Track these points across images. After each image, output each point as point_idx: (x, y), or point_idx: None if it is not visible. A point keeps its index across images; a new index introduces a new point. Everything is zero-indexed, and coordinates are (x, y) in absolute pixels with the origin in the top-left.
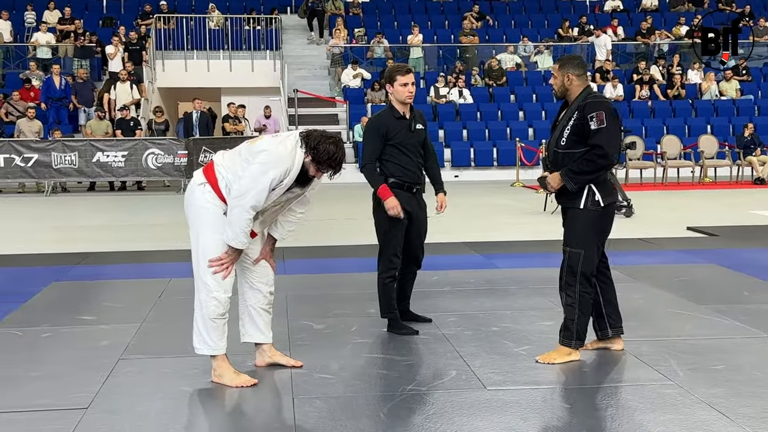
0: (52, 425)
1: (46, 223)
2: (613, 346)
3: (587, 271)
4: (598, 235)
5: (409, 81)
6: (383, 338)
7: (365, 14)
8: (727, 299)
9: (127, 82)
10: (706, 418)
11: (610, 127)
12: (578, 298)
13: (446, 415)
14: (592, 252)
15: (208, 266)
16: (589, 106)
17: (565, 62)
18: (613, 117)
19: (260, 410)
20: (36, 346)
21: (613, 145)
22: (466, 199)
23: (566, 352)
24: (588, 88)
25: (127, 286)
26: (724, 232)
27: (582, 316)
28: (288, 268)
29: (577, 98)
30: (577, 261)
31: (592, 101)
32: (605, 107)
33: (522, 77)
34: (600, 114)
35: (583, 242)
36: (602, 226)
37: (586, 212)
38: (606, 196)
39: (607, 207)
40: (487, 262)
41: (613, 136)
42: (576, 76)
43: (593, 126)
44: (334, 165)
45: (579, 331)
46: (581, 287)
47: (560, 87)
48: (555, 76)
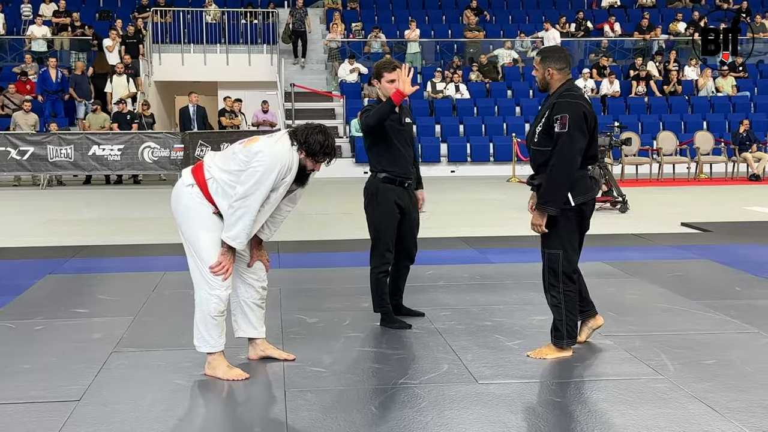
0: (44, 417)
1: (42, 216)
2: (593, 323)
3: (568, 270)
4: (575, 234)
5: (396, 77)
6: (376, 332)
7: (362, 9)
8: (720, 295)
9: (123, 75)
10: (696, 412)
11: (572, 133)
12: (563, 298)
13: (437, 409)
14: (571, 251)
15: (211, 272)
16: (557, 106)
17: (547, 55)
18: (577, 121)
19: (253, 403)
20: (29, 339)
21: (571, 153)
22: (461, 194)
23: (557, 349)
24: (567, 84)
25: (121, 280)
26: (718, 228)
27: (569, 314)
28: (282, 261)
29: (554, 93)
30: (557, 261)
31: (562, 101)
32: (572, 110)
33: (519, 73)
34: (564, 117)
35: (560, 242)
36: (576, 225)
37: (560, 217)
38: (577, 196)
39: (580, 206)
40: (481, 256)
41: (573, 142)
42: (557, 71)
43: (556, 129)
44: (328, 152)
45: (569, 330)
46: (564, 287)
47: (541, 80)
48: (536, 68)
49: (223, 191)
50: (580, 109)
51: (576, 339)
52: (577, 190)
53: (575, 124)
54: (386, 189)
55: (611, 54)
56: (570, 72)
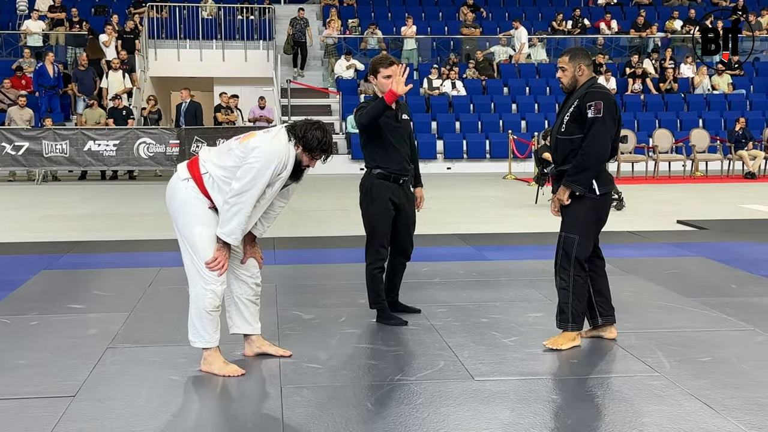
0: (40, 413)
1: (37, 211)
2: (605, 334)
3: (581, 256)
4: (594, 223)
5: (392, 73)
6: (372, 328)
7: (359, 5)
8: (716, 292)
9: (119, 70)
10: (691, 409)
11: (606, 118)
12: (572, 282)
13: (433, 406)
14: (587, 239)
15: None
16: (590, 95)
17: (576, 53)
18: (611, 109)
19: (249, 399)
20: (24, 334)
21: (604, 139)
22: (458, 190)
23: (570, 338)
24: (594, 79)
25: (116, 275)
26: (714, 225)
27: (576, 301)
28: (278, 258)
29: (582, 86)
30: (572, 246)
31: (595, 90)
32: (605, 98)
33: (515, 70)
34: (598, 104)
35: (578, 228)
36: (598, 214)
37: (583, 200)
38: (602, 186)
39: (603, 196)
40: (477, 253)
41: (606, 128)
42: (587, 66)
43: (590, 114)
44: (325, 149)
45: (574, 314)
46: (575, 271)
47: (570, 78)
48: (565, 68)
49: (218, 187)
50: (612, 98)
51: (581, 326)
52: (601, 180)
53: (608, 110)
54: (380, 185)
55: (607, 51)
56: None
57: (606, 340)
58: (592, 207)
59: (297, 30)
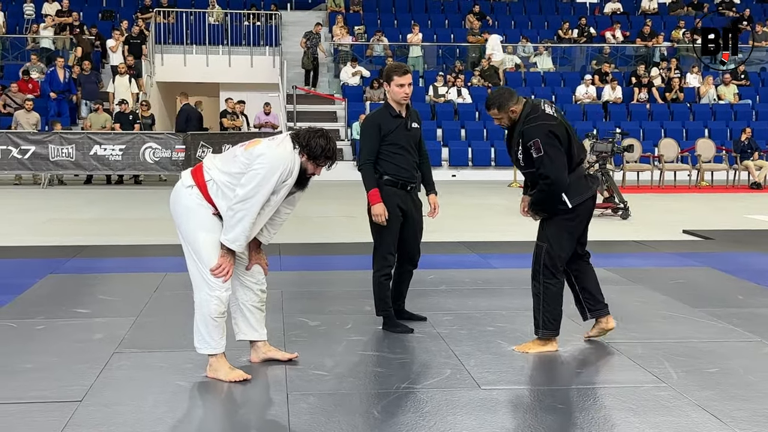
0: (46, 417)
1: (43, 215)
2: (604, 325)
3: (549, 263)
4: (568, 233)
5: (406, 82)
6: (378, 336)
7: (365, 12)
8: (722, 302)
9: (126, 75)
10: (699, 420)
11: (548, 151)
12: (542, 289)
13: (440, 414)
14: (558, 247)
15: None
16: (526, 133)
17: (501, 101)
18: (550, 139)
19: (254, 405)
20: (30, 338)
21: (555, 169)
22: (463, 198)
23: (540, 343)
24: (525, 108)
25: (122, 280)
26: (720, 235)
27: (546, 306)
28: (284, 264)
29: (519, 121)
30: (540, 253)
31: (528, 128)
32: (540, 132)
33: (521, 78)
34: (536, 142)
35: (547, 238)
36: (572, 224)
37: (556, 214)
38: (573, 197)
39: (575, 208)
40: (483, 261)
41: (554, 160)
42: (514, 105)
43: (534, 155)
44: (329, 156)
45: (545, 321)
46: (544, 278)
47: (509, 123)
48: (499, 118)
49: (222, 193)
50: (546, 128)
51: (556, 332)
52: (572, 192)
53: (547, 143)
54: (388, 192)
55: (613, 60)
56: (518, 98)
57: (612, 349)
58: (563, 220)
59: (312, 44)
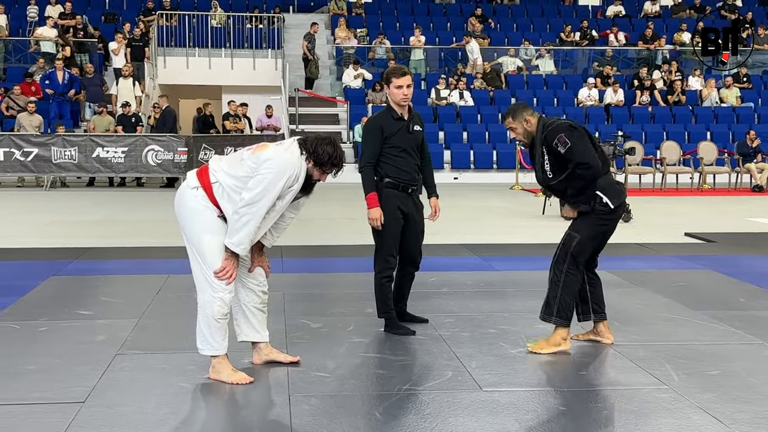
0: (49, 418)
1: (45, 217)
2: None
3: (576, 254)
4: (601, 231)
5: (404, 83)
6: (380, 338)
7: (367, 14)
8: (724, 305)
9: (129, 78)
10: (701, 422)
11: (576, 141)
12: (563, 277)
13: (441, 416)
14: (589, 240)
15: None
16: (549, 136)
17: (516, 110)
18: (572, 131)
19: (257, 407)
20: (33, 340)
21: (588, 154)
22: (465, 201)
23: (555, 342)
24: (540, 120)
25: (125, 282)
26: (722, 238)
27: (564, 296)
28: (286, 266)
29: (538, 132)
30: (571, 242)
31: (549, 130)
32: (562, 128)
33: (523, 81)
34: (560, 137)
35: (582, 229)
36: (608, 225)
37: (594, 212)
38: (613, 198)
39: (616, 209)
40: (484, 264)
41: (582, 148)
42: (530, 116)
43: (562, 151)
44: (336, 163)
45: (560, 309)
46: (568, 267)
47: (524, 133)
48: (514, 127)
49: (228, 196)
50: (565, 124)
51: (566, 322)
52: (611, 193)
53: (570, 136)
54: (389, 194)
55: (615, 63)
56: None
57: (614, 351)
58: (602, 218)
59: (312, 46)
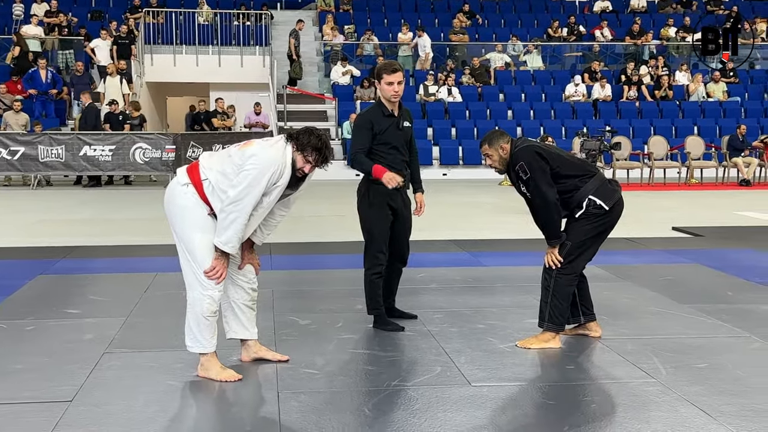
0: (37, 417)
1: (32, 216)
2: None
3: (565, 258)
4: (594, 236)
5: (395, 80)
6: (369, 334)
7: (355, 11)
8: (711, 299)
9: (116, 76)
10: (688, 415)
11: (536, 175)
12: (553, 282)
13: (430, 411)
14: (575, 248)
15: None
16: (513, 160)
17: (491, 138)
18: (535, 161)
19: (245, 404)
20: (20, 339)
21: (541, 190)
22: (453, 197)
23: (544, 339)
24: (511, 144)
25: (112, 280)
26: (709, 232)
27: (555, 300)
28: (275, 263)
29: (511, 158)
30: (563, 248)
31: (516, 150)
32: (526, 155)
33: (511, 76)
34: (522, 166)
35: (571, 236)
36: (603, 227)
37: (590, 215)
38: (606, 199)
39: (611, 209)
40: (473, 259)
41: (540, 179)
42: (506, 143)
43: (523, 177)
44: (319, 147)
45: (552, 315)
46: (557, 271)
47: (499, 160)
48: (490, 155)
49: (217, 193)
50: (531, 149)
51: (559, 327)
52: (604, 195)
53: (533, 164)
54: (378, 190)
55: (603, 58)
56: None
57: (602, 345)
58: (598, 220)
59: (299, 43)
